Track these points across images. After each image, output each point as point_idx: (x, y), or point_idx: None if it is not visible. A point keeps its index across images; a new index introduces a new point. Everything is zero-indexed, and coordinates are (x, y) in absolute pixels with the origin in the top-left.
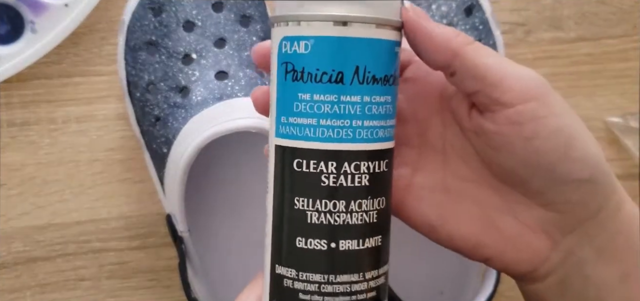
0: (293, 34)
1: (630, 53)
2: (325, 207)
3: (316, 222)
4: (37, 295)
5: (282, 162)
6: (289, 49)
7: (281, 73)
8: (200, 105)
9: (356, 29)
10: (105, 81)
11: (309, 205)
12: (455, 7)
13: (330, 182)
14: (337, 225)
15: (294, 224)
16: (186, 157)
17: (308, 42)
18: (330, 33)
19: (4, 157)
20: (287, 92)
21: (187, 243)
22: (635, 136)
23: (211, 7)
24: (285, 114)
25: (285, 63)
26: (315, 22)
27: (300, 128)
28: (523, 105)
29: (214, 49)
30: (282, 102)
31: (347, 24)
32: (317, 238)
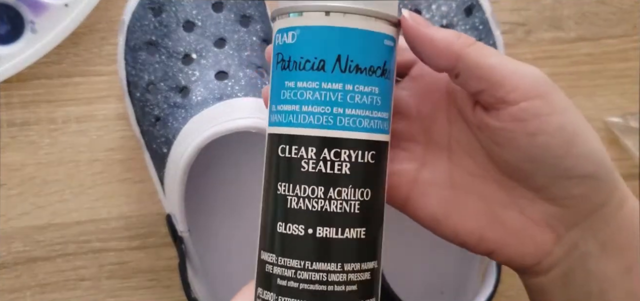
0: (284, 25)
1: (630, 53)
2: (304, 192)
3: (295, 207)
4: (37, 295)
5: (270, 148)
6: (280, 40)
7: (274, 63)
8: (200, 105)
9: (341, 19)
10: (105, 81)
11: (289, 190)
12: (455, 7)
13: (310, 167)
14: (315, 211)
15: (275, 209)
16: (186, 157)
17: (294, 32)
18: (315, 23)
19: (4, 157)
20: (277, 80)
21: (187, 243)
22: (635, 136)
23: (211, 7)
24: (275, 103)
25: (277, 54)
26: (304, 12)
27: (286, 115)
28: (527, 102)
29: (214, 49)
30: (274, 91)
31: (330, 14)
32: (295, 223)
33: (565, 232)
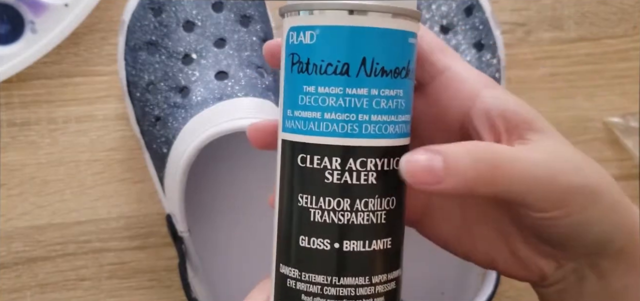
0: (300, 23)
1: (630, 53)
2: (329, 205)
3: (319, 220)
4: (37, 295)
5: (287, 157)
6: (295, 40)
7: (288, 64)
8: (200, 105)
9: (365, 19)
10: (106, 81)
11: (313, 203)
12: (455, 7)
13: (335, 178)
14: (341, 224)
15: (297, 222)
16: (186, 157)
17: (314, 32)
18: (337, 22)
19: (4, 157)
20: (293, 84)
21: (187, 243)
22: (635, 136)
23: (211, 7)
24: (291, 107)
25: (291, 54)
26: (324, 10)
27: (305, 122)
28: (564, 210)
29: (214, 49)
30: (288, 94)
31: (354, 13)
32: (320, 237)
33: (567, 263)
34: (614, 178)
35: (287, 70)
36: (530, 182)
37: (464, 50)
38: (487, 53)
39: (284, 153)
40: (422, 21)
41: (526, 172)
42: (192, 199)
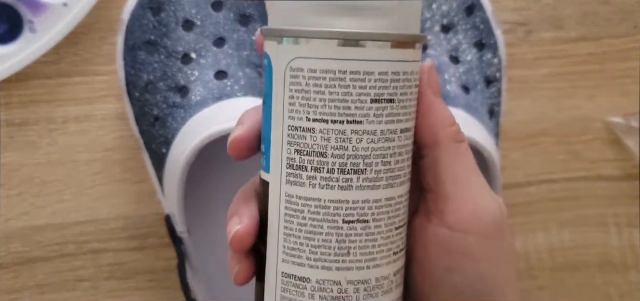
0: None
1: (631, 53)
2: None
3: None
4: (36, 296)
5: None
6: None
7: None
8: (200, 105)
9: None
10: (104, 81)
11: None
12: (455, 6)
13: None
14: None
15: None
16: (185, 157)
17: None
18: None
19: (3, 157)
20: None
21: (187, 244)
22: (636, 136)
23: (210, 6)
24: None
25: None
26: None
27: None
28: (462, 235)
29: (213, 49)
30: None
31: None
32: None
33: None
34: (614, 178)
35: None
36: (456, 174)
37: (465, 50)
38: (488, 52)
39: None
40: (423, 20)
41: (459, 168)
42: (192, 199)
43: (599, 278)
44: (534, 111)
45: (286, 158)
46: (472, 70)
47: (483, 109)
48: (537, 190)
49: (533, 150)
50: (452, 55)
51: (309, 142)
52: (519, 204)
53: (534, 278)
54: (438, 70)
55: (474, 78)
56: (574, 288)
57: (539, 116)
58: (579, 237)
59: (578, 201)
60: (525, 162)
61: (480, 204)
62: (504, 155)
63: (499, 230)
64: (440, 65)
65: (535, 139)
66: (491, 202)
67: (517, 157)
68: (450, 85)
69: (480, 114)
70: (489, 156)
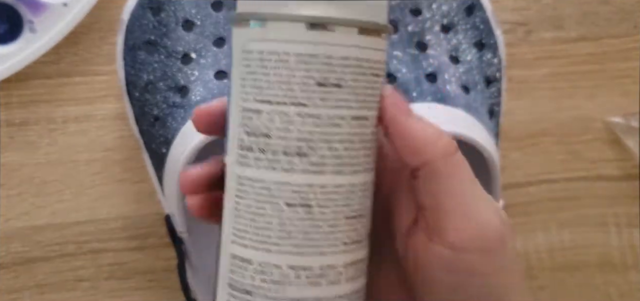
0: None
1: (631, 53)
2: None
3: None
4: (36, 296)
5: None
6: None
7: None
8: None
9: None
10: (104, 81)
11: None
12: (455, 6)
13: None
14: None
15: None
16: (185, 157)
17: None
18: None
19: (2, 157)
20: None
21: (187, 244)
22: (636, 136)
23: (210, 6)
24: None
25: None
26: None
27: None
28: (465, 253)
29: (214, 48)
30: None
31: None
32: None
33: None
34: (614, 178)
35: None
36: (452, 191)
37: (465, 50)
38: (488, 52)
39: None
40: (423, 20)
41: (452, 181)
42: None
43: (599, 278)
44: (534, 111)
45: (238, 139)
46: (472, 70)
47: (483, 109)
48: (537, 190)
49: (533, 150)
50: (452, 55)
51: (255, 123)
52: (519, 204)
53: (534, 278)
54: (438, 70)
55: (474, 78)
56: (574, 288)
57: (539, 116)
58: (579, 237)
59: (578, 201)
60: (525, 162)
61: (481, 220)
62: (504, 155)
63: (501, 241)
64: (440, 65)
65: (535, 139)
66: (491, 214)
67: (517, 157)
68: (450, 85)
69: (480, 114)
70: (489, 156)
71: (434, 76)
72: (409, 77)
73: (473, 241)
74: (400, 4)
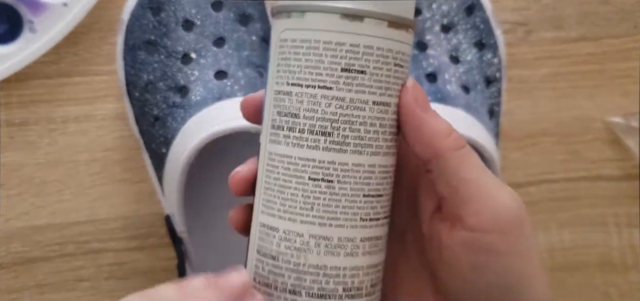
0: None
1: (631, 53)
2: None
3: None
4: (36, 296)
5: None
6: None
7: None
8: (200, 105)
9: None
10: (104, 81)
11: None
12: (455, 6)
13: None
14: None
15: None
16: (185, 157)
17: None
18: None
19: (2, 157)
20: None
21: (187, 244)
22: (636, 136)
23: (210, 6)
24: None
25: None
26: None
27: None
28: (484, 234)
29: (213, 49)
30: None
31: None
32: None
33: None
34: (614, 178)
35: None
36: (467, 179)
37: (465, 50)
38: (488, 52)
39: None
40: (423, 20)
41: (469, 171)
42: (192, 199)
43: (599, 278)
44: (534, 111)
45: (271, 119)
46: (472, 70)
47: (483, 109)
48: (537, 190)
49: (533, 150)
50: (452, 55)
51: (286, 104)
52: None
53: None
54: (438, 70)
55: (474, 78)
56: (574, 288)
57: (539, 116)
58: (579, 237)
59: (578, 201)
60: (525, 162)
61: (497, 203)
62: (504, 155)
63: (519, 223)
64: (440, 65)
65: (535, 139)
66: (507, 197)
67: (517, 157)
68: (450, 85)
69: (480, 114)
70: (489, 156)
71: (434, 76)
72: None
73: (491, 223)
74: None
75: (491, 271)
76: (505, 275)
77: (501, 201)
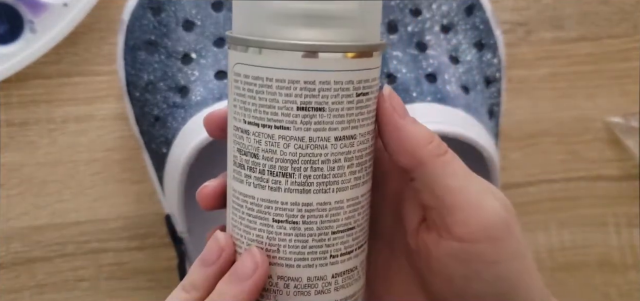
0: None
1: (631, 53)
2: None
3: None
4: (36, 296)
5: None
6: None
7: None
8: (200, 105)
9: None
10: (105, 81)
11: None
12: (455, 6)
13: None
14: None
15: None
16: (185, 157)
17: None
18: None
19: (3, 157)
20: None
21: (187, 244)
22: (636, 136)
23: (211, 6)
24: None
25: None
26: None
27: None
28: (473, 244)
29: (214, 49)
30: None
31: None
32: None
33: None
34: (614, 178)
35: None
36: (452, 187)
37: (465, 50)
38: (488, 53)
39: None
40: (423, 20)
41: (453, 179)
42: (192, 199)
43: (599, 278)
44: (534, 111)
45: (232, 156)
46: (472, 70)
47: (483, 109)
48: (536, 190)
49: (533, 150)
50: (452, 55)
51: (245, 142)
52: (519, 204)
53: None
54: (438, 70)
55: (474, 79)
56: (574, 288)
57: (539, 116)
58: (579, 237)
59: (578, 201)
60: (525, 162)
61: (485, 211)
62: (504, 155)
63: (508, 228)
64: (440, 65)
65: (535, 139)
66: (494, 202)
67: (517, 157)
68: (450, 85)
69: (480, 114)
70: (489, 156)
71: (434, 76)
72: (409, 77)
73: (480, 231)
74: (400, 4)
75: (483, 280)
76: (497, 282)
77: (488, 208)
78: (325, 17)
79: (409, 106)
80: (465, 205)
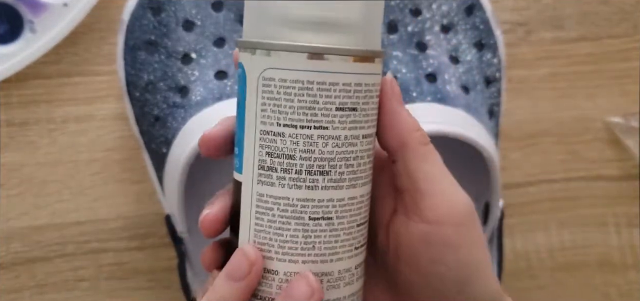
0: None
1: (631, 53)
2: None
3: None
4: (36, 296)
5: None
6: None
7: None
8: (200, 105)
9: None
10: (105, 81)
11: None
12: (455, 6)
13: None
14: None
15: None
16: (185, 157)
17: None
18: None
19: (3, 157)
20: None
21: (187, 244)
22: (636, 136)
23: (211, 6)
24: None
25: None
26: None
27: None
28: (440, 227)
29: (214, 49)
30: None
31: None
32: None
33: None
34: (614, 178)
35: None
36: (427, 172)
37: (465, 50)
38: (488, 53)
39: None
40: (423, 21)
41: (430, 166)
42: (192, 199)
43: (599, 278)
44: (534, 111)
45: (258, 160)
46: (472, 70)
47: (483, 109)
48: (536, 190)
49: (533, 150)
50: (452, 55)
51: (279, 145)
52: (519, 204)
53: (534, 278)
54: (438, 70)
55: (474, 79)
56: (574, 288)
57: (539, 116)
58: (579, 237)
59: (578, 201)
60: (525, 162)
61: (453, 198)
62: (504, 155)
63: (472, 218)
64: (440, 65)
65: (535, 139)
66: (464, 195)
67: (517, 157)
68: (450, 85)
69: (480, 114)
70: (489, 156)
71: (434, 76)
72: (409, 77)
73: (447, 216)
74: (400, 4)
75: (446, 264)
76: (459, 268)
77: (458, 197)
78: (351, 26)
79: (409, 106)
80: (438, 192)
